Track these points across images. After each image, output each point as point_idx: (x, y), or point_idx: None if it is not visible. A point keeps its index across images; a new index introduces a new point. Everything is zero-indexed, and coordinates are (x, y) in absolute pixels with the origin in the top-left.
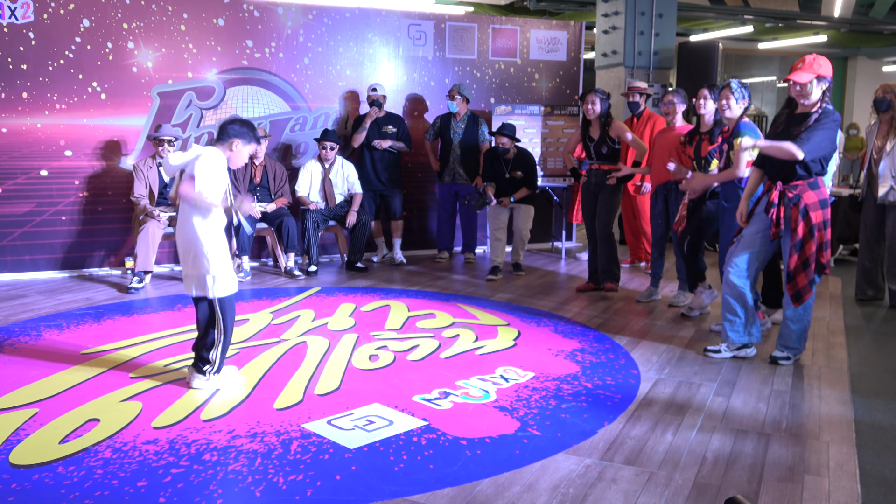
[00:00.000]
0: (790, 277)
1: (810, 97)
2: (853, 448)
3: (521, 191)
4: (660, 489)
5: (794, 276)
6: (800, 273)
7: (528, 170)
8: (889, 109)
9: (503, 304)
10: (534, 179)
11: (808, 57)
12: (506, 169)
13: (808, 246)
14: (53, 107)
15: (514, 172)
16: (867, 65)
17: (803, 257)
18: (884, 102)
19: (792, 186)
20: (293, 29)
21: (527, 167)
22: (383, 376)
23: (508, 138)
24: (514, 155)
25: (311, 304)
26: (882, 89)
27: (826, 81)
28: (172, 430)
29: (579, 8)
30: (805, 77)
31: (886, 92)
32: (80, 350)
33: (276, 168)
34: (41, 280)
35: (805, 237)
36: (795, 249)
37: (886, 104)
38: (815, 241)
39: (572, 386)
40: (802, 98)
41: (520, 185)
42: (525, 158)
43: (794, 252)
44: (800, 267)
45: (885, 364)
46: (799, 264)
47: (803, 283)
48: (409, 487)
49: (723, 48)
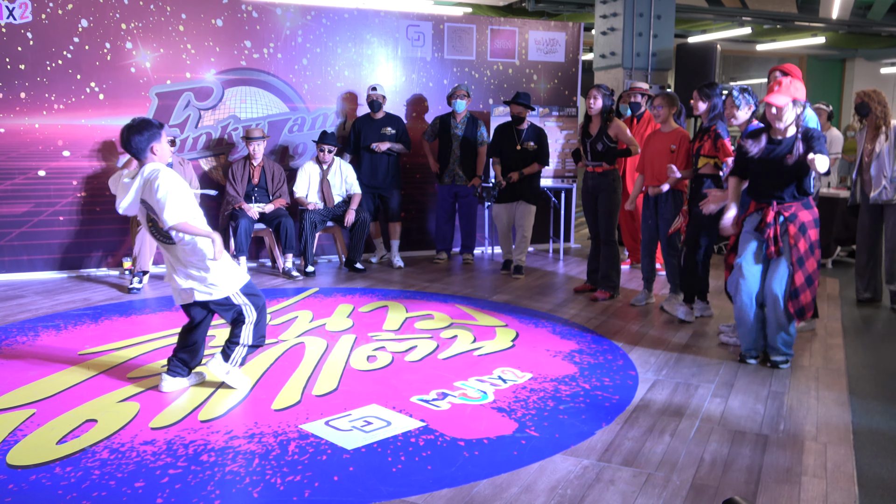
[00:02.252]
0: (794, 294)
1: (784, 120)
2: (850, 450)
3: (532, 166)
4: (657, 490)
5: (798, 293)
6: (805, 290)
7: (541, 142)
8: (870, 113)
9: (501, 305)
10: (545, 153)
11: (785, 80)
12: (518, 140)
13: (809, 262)
14: (51, 107)
15: (526, 143)
16: (865, 66)
17: (806, 273)
18: (864, 107)
19: (786, 207)
20: (292, 30)
21: (539, 140)
22: (381, 377)
23: (524, 107)
24: (528, 126)
25: (309, 304)
26: (859, 96)
27: (801, 105)
28: (170, 431)
29: (578, 9)
30: (782, 100)
31: (863, 97)
32: (77, 351)
33: (274, 169)
34: (39, 280)
35: (806, 253)
36: (798, 265)
37: (866, 108)
38: (814, 257)
39: (570, 387)
40: (777, 120)
41: (531, 161)
42: (538, 131)
43: (798, 268)
44: (805, 284)
45: (883, 366)
46: (804, 281)
47: (807, 301)
48: (406, 488)
49: (721, 49)
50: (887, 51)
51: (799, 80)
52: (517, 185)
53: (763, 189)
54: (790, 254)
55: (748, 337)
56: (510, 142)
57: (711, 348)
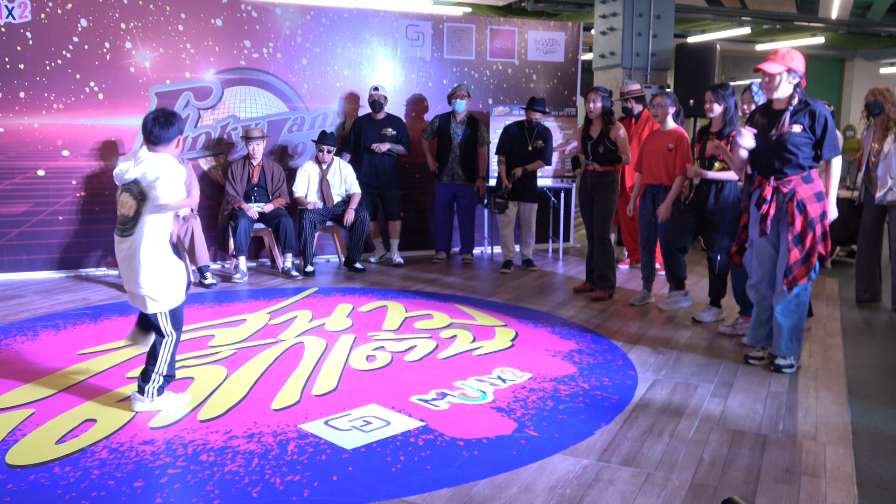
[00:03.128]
0: (788, 271)
1: (778, 90)
2: (850, 450)
3: (536, 163)
4: (657, 490)
5: (792, 270)
6: (799, 266)
7: (547, 141)
8: (882, 112)
9: (501, 304)
10: (550, 152)
11: (782, 49)
12: (530, 141)
13: (807, 239)
14: (51, 107)
15: (535, 143)
16: (864, 66)
17: (803, 251)
18: (876, 106)
19: (785, 182)
20: (291, 29)
21: (546, 139)
22: (380, 377)
23: (542, 113)
24: (537, 126)
25: (308, 304)
26: (872, 93)
27: (796, 76)
28: (169, 431)
29: (577, 9)
30: (775, 68)
31: (877, 95)
32: (76, 350)
33: (273, 168)
34: (38, 280)
35: (804, 231)
36: (794, 244)
37: (878, 107)
38: (813, 233)
39: (569, 387)
40: (771, 90)
41: (535, 157)
42: (545, 129)
43: (794, 246)
44: (799, 261)
45: (882, 366)
46: (798, 258)
47: (801, 276)
48: (406, 488)
49: (720, 49)
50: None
51: (798, 53)
52: (521, 185)
53: (762, 163)
54: (786, 232)
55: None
56: (522, 143)
57: (711, 348)
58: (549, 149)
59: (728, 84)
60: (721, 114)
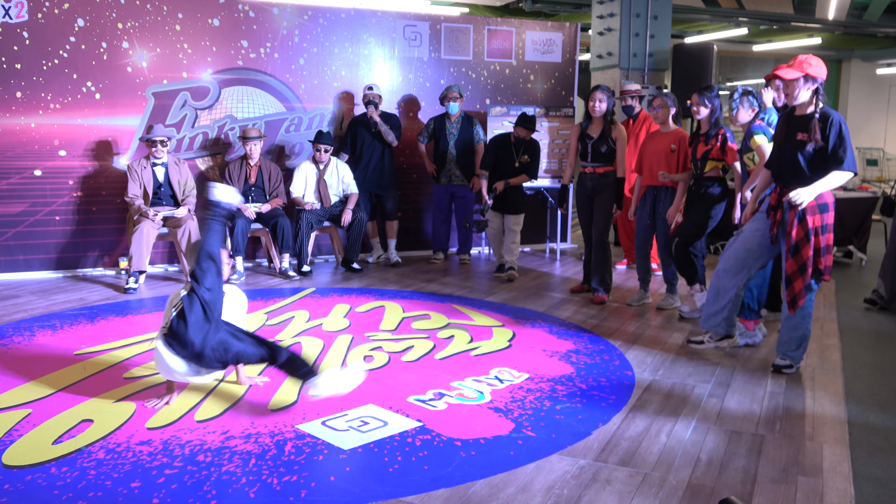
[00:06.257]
0: (787, 282)
1: (796, 97)
2: (847, 449)
3: (521, 177)
4: (654, 490)
5: (791, 281)
6: (797, 278)
7: (534, 156)
8: None
9: (498, 305)
10: (536, 167)
11: (801, 56)
12: (516, 157)
13: (804, 250)
14: (48, 106)
15: (522, 157)
16: (861, 67)
17: (799, 262)
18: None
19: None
20: (288, 29)
21: (533, 153)
22: (378, 377)
23: (528, 131)
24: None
25: (305, 304)
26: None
27: (815, 82)
28: (166, 431)
29: (575, 9)
30: (790, 74)
31: None
32: (73, 351)
33: (270, 168)
34: (35, 280)
35: (800, 241)
36: (791, 254)
37: None
38: (811, 245)
39: (567, 387)
40: (788, 98)
41: (521, 172)
42: (533, 143)
43: (790, 256)
44: (797, 272)
45: (879, 365)
46: (796, 269)
47: (799, 289)
48: (403, 488)
49: (717, 50)
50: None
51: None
52: (505, 196)
53: (778, 169)
54: (783, 241)
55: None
56: (508, 158)
57: (708, 349)
58: (535, 163)
59: (714, 86)
60: (707, 116)
